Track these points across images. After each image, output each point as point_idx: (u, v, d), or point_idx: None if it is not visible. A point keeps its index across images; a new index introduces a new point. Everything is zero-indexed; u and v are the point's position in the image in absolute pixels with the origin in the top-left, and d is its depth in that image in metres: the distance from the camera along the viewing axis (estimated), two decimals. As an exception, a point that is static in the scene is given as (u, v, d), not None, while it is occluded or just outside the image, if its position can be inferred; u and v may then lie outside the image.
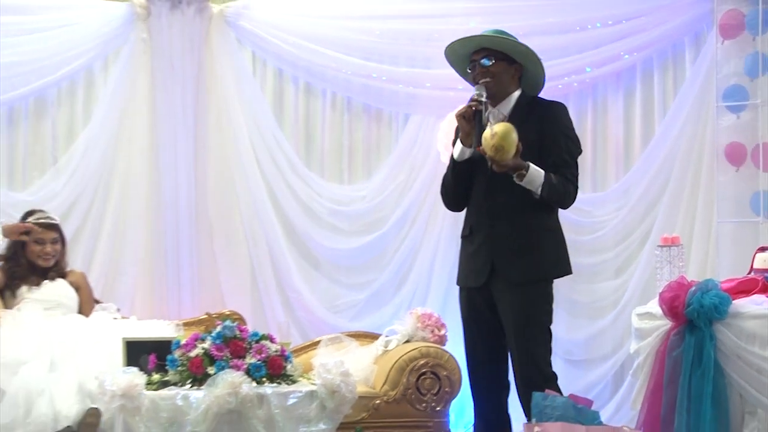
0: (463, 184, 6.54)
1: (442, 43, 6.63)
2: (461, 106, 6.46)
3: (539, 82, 6.62)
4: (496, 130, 6.11)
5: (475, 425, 6.65)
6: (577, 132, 8.41)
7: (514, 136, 6.09)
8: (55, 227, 7.96)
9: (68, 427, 6.79)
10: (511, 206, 6.35)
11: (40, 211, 7.99)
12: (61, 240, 8.00)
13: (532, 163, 6.24)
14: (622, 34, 9.11)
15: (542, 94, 6.65)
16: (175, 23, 8.89)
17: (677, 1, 9.09)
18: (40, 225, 7.88)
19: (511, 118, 6.39)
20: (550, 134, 6.40)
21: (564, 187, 6.38)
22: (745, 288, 6.69)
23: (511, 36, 6.53)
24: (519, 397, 6.45)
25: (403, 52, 9.05)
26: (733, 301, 6.45)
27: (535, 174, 6.23)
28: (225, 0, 9.01)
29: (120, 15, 8.94)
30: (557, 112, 6.52)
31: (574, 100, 9.11)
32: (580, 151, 6.57)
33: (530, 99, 6.55)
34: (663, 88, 9.20)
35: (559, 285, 6.62)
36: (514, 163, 6.15)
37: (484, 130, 6.27)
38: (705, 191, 9.01)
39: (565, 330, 8.89)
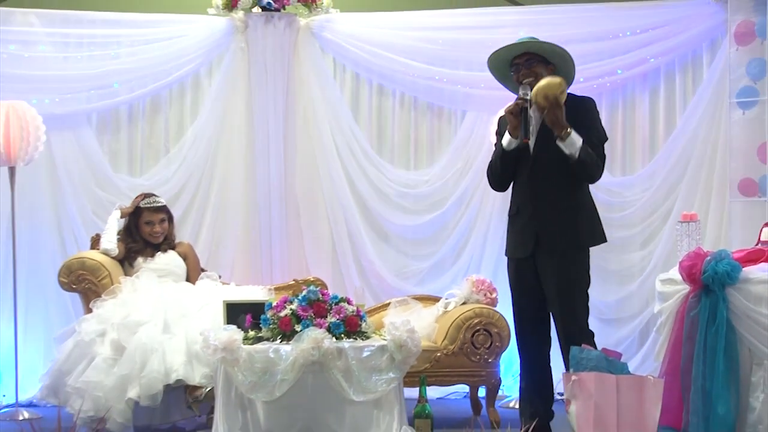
0: (510, 169, 6.51)
1: (494, 49, 6.59)
2: (510, 103, 6.43)
3: (570, 77, 6.56)
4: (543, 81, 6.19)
5: (521, 375, 6.61)
6: (609, 124, 8.56)
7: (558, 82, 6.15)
8: (162, 209, 7.98)
9: (178, 380, 6.86)
10: (552, 187, 6.32)
11: (150, 195, 8.02)
12: (169, 218, 8.04)
13: None
14: (648, 41, 9.03)
15: (579, 92, 6.59)
16: (269, 34, 8.90)
17: (696, 12, 9.00)
18: (149, 209, 7.91)
19: None
20: (581, 124, 6.36)
21: (596, 159, 6.37)
22: (753, 257, 6.64)
23: (544, 42, 6.50)
24: (561, 351, 6.42)
25: (462, 57, 9.01)
26: (743, 269, 6.40)
27: (576, 137, 6.25)
28: (310, 14, 8.99)
29: (222, 28, 8.96)
30: (587, 105, 6.51)
31: (607, 97, 9.08)
32: (606, 138, 6.54)
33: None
34: (683, 88, 9.11)
35: (593, 255, 6.57)
36: (563, 117, 6.18)
37: (529, 124, 6.28)
38: (719, 175, 8.92)
39: (599, 294, 8.79)
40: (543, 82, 6.20)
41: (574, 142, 6.25)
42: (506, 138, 6.44)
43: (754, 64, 8.69)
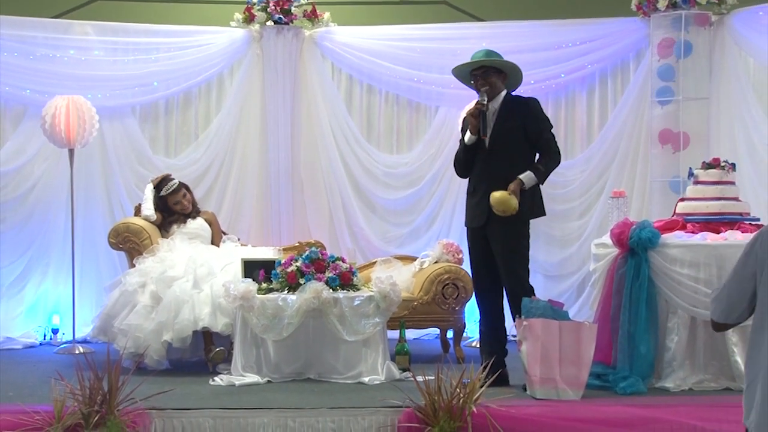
0: (471, 159, 6.45)
1: (462, 57, 6.57)
2: (470, 105, 6.49)
3: (518, 83, 6.54)
4: (493, 204, 6.15)
5: (480, 321, 6.55)
6: (553, 118, 8.60)
7: (504, 199, 6.11)
8: (179, 189, 7.85)
9: (204, 327, 6.80)
10: (502, 172, 6.24)
11: (164, 181, 7.84)
12: (188, 190, 7.92)
13: (519, 139, 6.29)
14: (586, 51, 8.97)
15: (531, 93, 6.55)
16: (279, 44, 8.82)
17: (624, 28, 8.97)
18: (171, 194, 7.79)
19: (500, 110, 6.36)
20: (531, 122, 6.34)
21: (549, 162, 6.35)
22: (670, 226, 6.69)
23: (498, 54, 6.43)
24: (508, 302, 6.39)
25: (435, 63, 8.91)
26: (662, 235, 6.43)
27: (529, 179, 6.23)
28: (313, 27, 8.92)
29: (241, 37, 8.88)
30: (532, 104, 6.44)
31: (552, 96, 9.01)
32: (551, 126, 6.48)
33: (512, 97, 6.48)
34: (614, 89, 9.05)
35: (541, 223, 6.54)
36: (515, 195, 6.14)
37: (486, 123, 6.28)
38: (642, 159, 8.89)
39: (544, 255, 8.85)
40: (497, 201, 6.12)
41: (531, 181, 6.24)
42: (467, 135, 6.40)
43: (664, 68, 8.64)
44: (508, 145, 6.31)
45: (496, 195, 6.13)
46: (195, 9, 9.19)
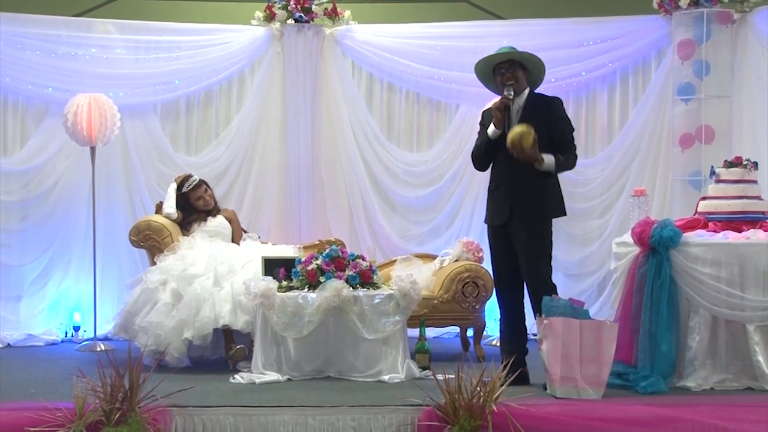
0: (492, 153, 6.42)
1: (483, 55, 6.50)
2: (495, 100, 6.45)
3: (540, 80, 6.50)
4: (514, 130, 6.09)
5: (500, 320, 6.53)
6: (574, 116, 8.65)
7: (525, 132, 6.05)
8: (200, 184, 7.89)
9: (225, 325, 6.82)
10: (525, 169, 6.21)
11: (186, 177, 7.91)
12: (208, 186, 7.95)
13: (542, 138, 6.16)
14: (607, 49, 8.94)
15: (551, 91, 6.52)
16: (300, 42, 8.81)
17: (646, 26, 8.92)
18: (192, 190, 7.82)
19: (525, 108, 6.33)
20: (554, 122, 6.31)
21: (568, 159, 6.33)
22: (691, 225, 6.67)
23: (524, 51, 6.43)
24: (530, 301, 6.35)
25: (456, 61, 8.89)
26: (683, 234, 6.41)
27: (549, 162, 6.20)
28: (334, 26, 8.91)
29: (262, 36, 8.88)
30: (557, 104, 6.42)
31: (573, 94, 8.99)
32: (573, 129, 6.45)
33: (537, 95, 6.46)
34: (635, 87, 9.01)
35: (561, 222, 6.52)
36: (532, 153, 6.09)
37: (510, 118, 6.27)
38: (664, 157, 8.85)
39: (565, 253, 8.80)
40: (514, 132, 6.09)
41: (549, 165, 6.21)
42: (491, 129, 6.36)
43: (685, 86, 8.61)
44: None
45: (517, 129, 6.10)
46: (216, 7, 9.22)
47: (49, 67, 8.59)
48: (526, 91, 6.41)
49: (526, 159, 6.13)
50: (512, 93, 6.28)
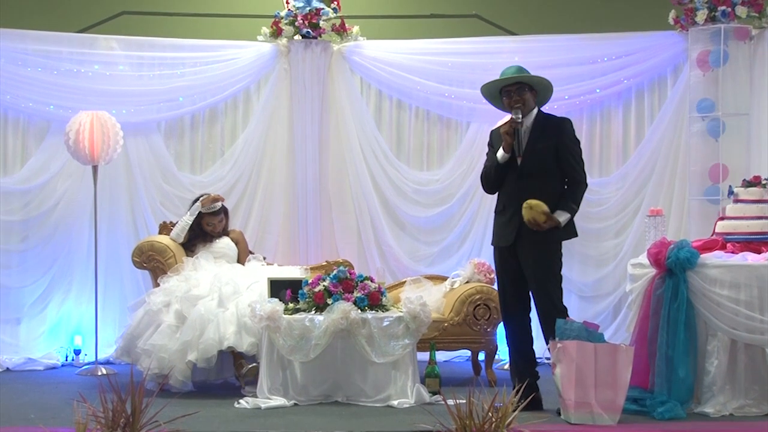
0: (502, 177, 6.44)
1: (494, 71, 6.55)
2: (503, 122, 6.49)
3: (547, 99, 6.54)
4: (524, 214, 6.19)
5: (507, 343, 6.53)
6: (588, 134, 8.72)
7: (536, 212, 6.14)
8: (219, 211, 7.92)
9: (230, 347, 6.82)
10: (533, 192, 6.24)
11: (215, 200, 7.93)
12: (225, 214, 7.98)
13: (551, 159, 6.28)
14: (622, 65, 8.94)
15: (565, 108, 6.53)
16: (307, 58, 8.84)
17: (662, 42, 8.92)
18: (209, 213, 7.85)
19: (533, 128, 6.37)
20: (562, 144, 6.33)
21: (577, 195, 6.36)
22: (709, 246, 6.66)
23: (527, 71, 6.45)
24: (540, 324, 6.34)
25: (467, 78, 8.90)
26: (701, 255, 6.40)
27: (563, 217, 6.25)
28: (342, 42, 8.93)
29: (269, 52, 8.90)
30: (566, 126, 6.44)
31: (587, 111, 8.99)
32: (581, 151, 6.47)
33: (545, 115, 6.49)
34: (651, 104, 9.01)
35: (575, 243, 6.51)
36: (549, 226, 6.17)
37: (521, 142, 6.32)
38: (680, 177, 8.83)
39: (579, 275, 8.81)
40: (529, 212, 6.16)
41: (566, 219, 6.26)
42: (500, 153, 6.39)
43: (706, 103, 8.60)
44: (541, 164, 6.31)
45: (531, 202, 6.14)
46: (221, 23, 9.26)
47: (51, 84, 8.61)
48: (534, 111, 6.44)
49: (540, 228, 6.19)
50: (521, 116, 6.31)
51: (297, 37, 8.82)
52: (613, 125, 9.04)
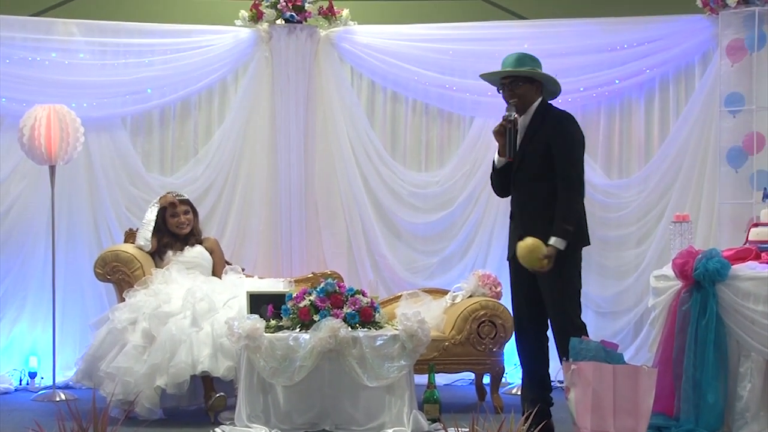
0: (504, 181, 6.49)
1: (501, 61, 6.51)
2: (497, 124, 6.42)
3: (556, 92, 6.52)
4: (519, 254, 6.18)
5: (521, 365, 6.55)
6: (607, 130, 8.76)
7: (532, 260, 6.13)
8: (184, 202, 7.97)
9: (204, 371, 6.83)
10: (531, 199, 6.30)
11: (174, 192, 8.00)
12: (192, 211, 8.02)
13: (545, 161, 6.23)
14: (644, 53, 8.96)
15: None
16: (291, 45, 8.86)
17: (688, 27, 8.94)
18: (172, 204, 7.87)
19: (529, 125, 6.35)
20: (557, 145, 6.25)
21: (567, 209, 6.20)
22: (741, 255, 6.66)
23: (533, 59, 6.42)
24: (555, 343, 6.35)
25: (470, 67, 8.87)
26: (732, 266, 6.41)
27: (559, 243, 6.14)
28: (330, 27, 8.96)
29: (248, 38, 8.93)
30: (564, 124, 6.35)
31: (605, 105, 9.03)
32: (581, 152, 6.38)
33: (545, 108, 6.43)
34: (676, 97, 9.04)
35: (592, 252, 6.53)
36: (548, 264, 6.13)
37: (515, 143, 6.29)
38: (709, 178, 8.85)
39: (596, 288, 8.82)
40: (523, 251, 6.13)
41: (562, 243, 6.15)
42: (496, 157, 6.45)
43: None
44: (532, 167, 6.30)
45: (525, 243, 6.14)
46: (194, 6, 9.24)
47: (2, 74, 8.59)
48: (535, 105, 6.40)
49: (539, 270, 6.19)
50: (513, 114, 6.29)
51: (279, 21, 8.85)
52: (634, 120, 9.06)
